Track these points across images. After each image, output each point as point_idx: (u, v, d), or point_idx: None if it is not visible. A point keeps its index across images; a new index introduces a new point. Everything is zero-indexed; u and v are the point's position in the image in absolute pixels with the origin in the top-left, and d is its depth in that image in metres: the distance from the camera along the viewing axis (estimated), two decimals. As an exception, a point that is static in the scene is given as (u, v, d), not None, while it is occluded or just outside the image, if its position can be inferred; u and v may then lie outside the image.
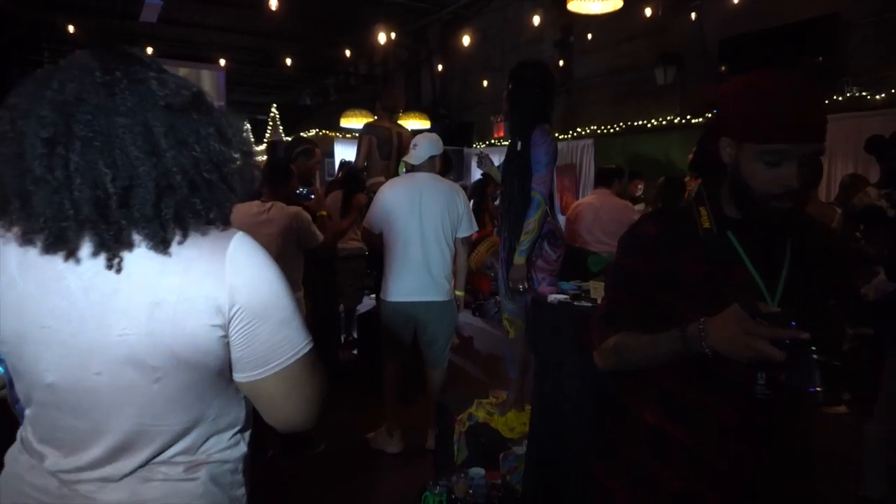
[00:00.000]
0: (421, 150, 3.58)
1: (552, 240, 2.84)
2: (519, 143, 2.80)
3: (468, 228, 3.63)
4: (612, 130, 8.67)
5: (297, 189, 3.41)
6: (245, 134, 1.09)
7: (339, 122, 9.85)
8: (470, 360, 5.56)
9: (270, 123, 13.00)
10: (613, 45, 8.71)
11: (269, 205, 3.23)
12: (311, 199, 3.43)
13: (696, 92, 7.76)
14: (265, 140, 12.57)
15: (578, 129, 9.16)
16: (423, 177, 3.58)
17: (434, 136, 3.68)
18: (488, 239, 3.44)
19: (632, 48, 8.48)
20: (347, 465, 3.63)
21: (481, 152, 3.49)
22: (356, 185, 4.71)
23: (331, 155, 10.73)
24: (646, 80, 8.13)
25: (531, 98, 2.89)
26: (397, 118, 4.86)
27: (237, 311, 0.95)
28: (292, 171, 3.37)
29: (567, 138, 9.29)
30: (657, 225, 1.39)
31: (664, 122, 8.05)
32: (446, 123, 11.20)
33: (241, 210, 3.31)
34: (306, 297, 4.11)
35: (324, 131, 10.75)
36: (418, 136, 3.69)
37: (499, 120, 10.85)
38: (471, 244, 3.78)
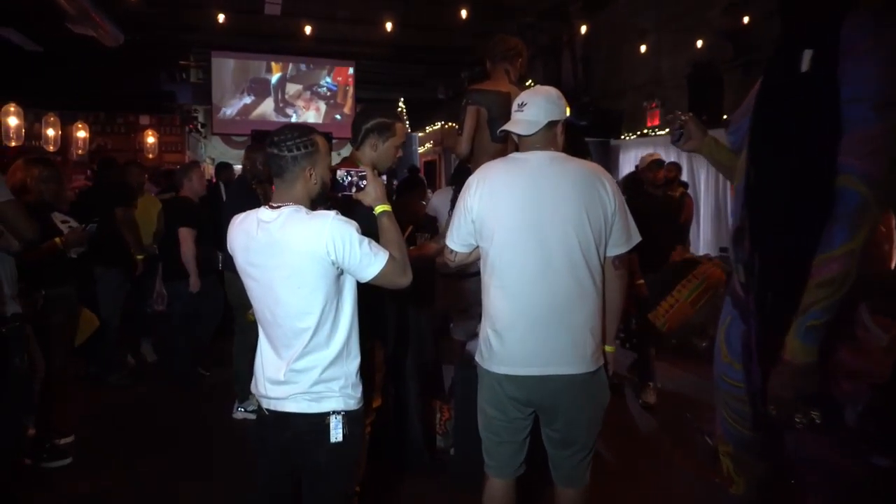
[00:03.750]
0: (533, 112, 1.99)
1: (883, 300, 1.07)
2: (807, 56, 1.05)
3: (625, 240, 2.00)
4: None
5: (341, 175, 1.89)
6: None
7: (465, 113, 8.36)
8: (635, 462, 3.41)
9: (398, 119, 11.82)
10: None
11: (277, 213, 1.74)
12: (363, 186, 1.90)
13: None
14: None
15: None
16: (539, 158, 2.00)
17: (553, 90, 2.07)
18: (699, 272, 1.69)
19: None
20: None
21: (675, 114, 1.79)
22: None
23: (457, 150, 9.30)
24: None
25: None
26: (518, 74, 3.10)
27: None
28: (314, 141, 1.80)
29: (746, 123, 7.06)
30: None
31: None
32: (590, 111, 9.33)
33: (240, 227, 1.83)
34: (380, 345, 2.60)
35: (449, 123, 9.32)
36: (527, 92, 2.08)
37: (653, 105, 8.79)
38: (627, 266, 2.09)
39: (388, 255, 1.77)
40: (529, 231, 1.93)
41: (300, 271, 1.70)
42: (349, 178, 1.89)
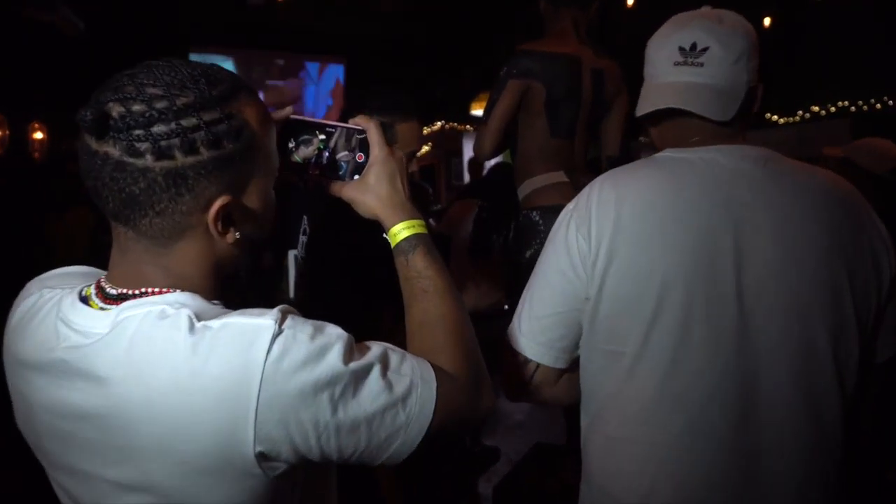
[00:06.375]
0: (722, 66, 0.92)
1: None
2: None
3: None
4: (879, 105, 5.45)
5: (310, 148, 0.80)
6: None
7: (469, 112, 7.46)
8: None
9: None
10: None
11: (111, 317, 0.64)
12: (360, 162, 0.81)
13: None
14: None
15: (815, 108, 5.99)
16: (739, 161, 0.92)
17: (744, 21, 0.96)
18: None
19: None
20: None
21: None
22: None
23: (458, 153, 8.35)
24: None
25: None
26: (585, 25, 2.01)
27: None
28: (242, 122, 0.68)
29: (795, 121, 6.14)
30: None
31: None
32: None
33: (22, 343, 0.68)
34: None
35: (451, 124, 8.34)
36: (699, 23, 0.95)
37: (679, 103, 7.82)
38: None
39: (434, 381, 0.67)
40: (716, 311, 0.86)
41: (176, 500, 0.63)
42: (330, 154, 0.83)
